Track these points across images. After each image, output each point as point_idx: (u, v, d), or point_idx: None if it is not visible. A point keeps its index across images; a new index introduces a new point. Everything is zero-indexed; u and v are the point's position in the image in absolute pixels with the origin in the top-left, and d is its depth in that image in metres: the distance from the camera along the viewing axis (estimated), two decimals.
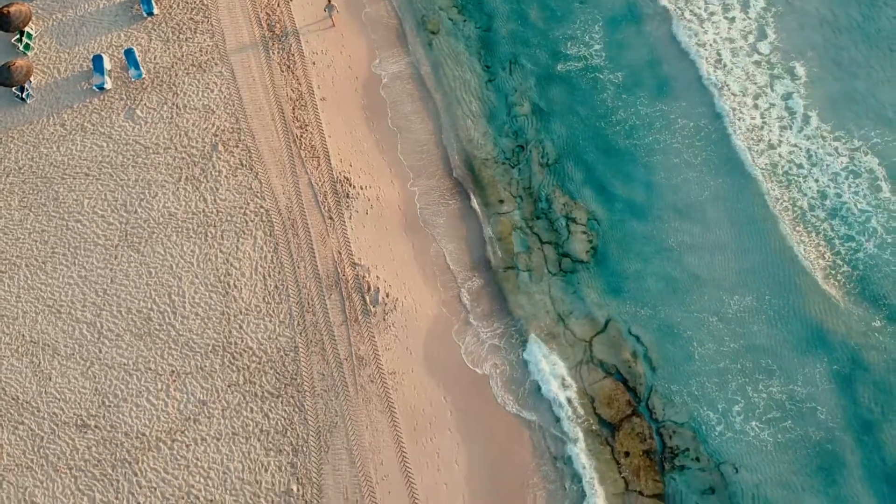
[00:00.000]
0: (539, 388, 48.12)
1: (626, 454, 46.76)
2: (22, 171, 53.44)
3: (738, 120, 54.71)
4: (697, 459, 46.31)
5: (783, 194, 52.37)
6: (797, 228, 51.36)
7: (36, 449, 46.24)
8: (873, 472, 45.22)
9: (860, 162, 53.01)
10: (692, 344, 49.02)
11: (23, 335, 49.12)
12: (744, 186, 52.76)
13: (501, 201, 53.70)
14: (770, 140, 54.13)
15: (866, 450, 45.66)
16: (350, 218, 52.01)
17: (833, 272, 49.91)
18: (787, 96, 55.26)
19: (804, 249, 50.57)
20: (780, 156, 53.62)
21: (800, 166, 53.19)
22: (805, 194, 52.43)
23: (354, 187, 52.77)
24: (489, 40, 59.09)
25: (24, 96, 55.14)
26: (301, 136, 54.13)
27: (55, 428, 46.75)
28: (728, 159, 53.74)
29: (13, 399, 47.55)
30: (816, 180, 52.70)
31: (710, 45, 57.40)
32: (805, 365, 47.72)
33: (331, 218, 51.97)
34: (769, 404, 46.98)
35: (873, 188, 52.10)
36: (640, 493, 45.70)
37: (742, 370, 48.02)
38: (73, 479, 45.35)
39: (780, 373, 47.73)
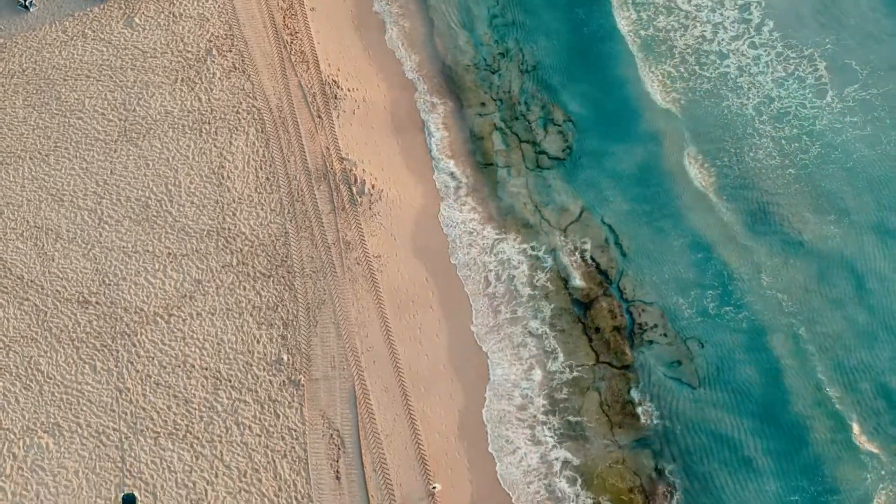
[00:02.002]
0: (513, 274, 51.11)
1: (597, 330, 49.61)
2: (25, 73, 56.12)
3: (687, 32, 57.98)
4: (665, 335, 49.19)
5: (733, 101, 55.34)
6: (747, 132, 54.25)
7: (40, 322, 48.92)
8: (828, 354, 48.15)
9: (806, 69, 56.10)
10: (661, 233, 51.90)
11: (27, 221, 51.82)
12: (692, 91, 56.25)
13: (483, 104, 56.61)
14: (720, 50, 57.33)
15: (822, 336, 48.67)
16: (338, 117, 54.79)
17: (780, 171, 52.84)
18: (744, 7, 58.38)
19: (753, 153, 53.69)
20: (728, 65, 56.74)
21: (749, 73, 56.22)
22: (750, 99, 55.50)
23: (342, 89, 55.57)
24: None
25: (27, 4, 57.81)
26: (291, 43, 56.91)
27: (58, 304, 49.44)
28: (681, 68, 57.25)
29: (18, 278, 50.22)
30: (763, 85, 55.76)
31: None
32: (766, 252, 50.75)
33: (319, 117, 54.74)
34: (736, 290, 49.76)
35: (819, 92, 55.21)
36: (610, 364, 48.56)
37: (713, 258, 50.84)
38: (74, 350, 48.08)
39: (745, 263, 50.58)
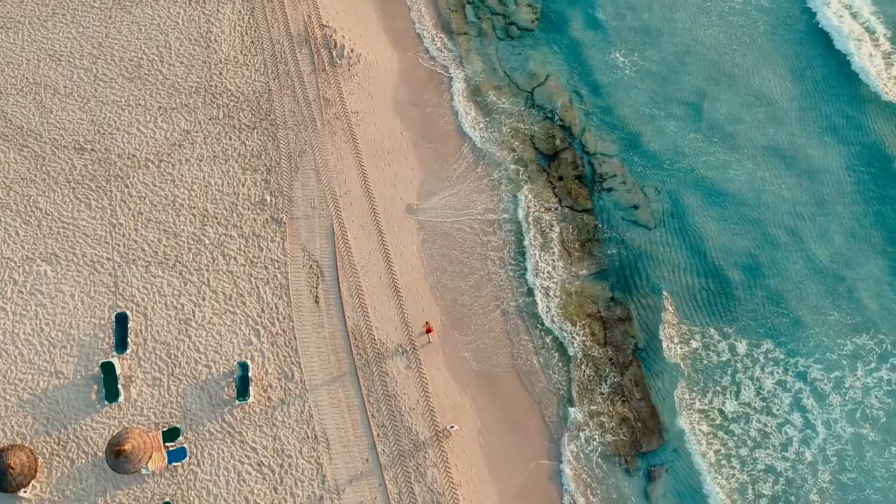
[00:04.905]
0: (481, 127, 54.60)
1: (560, 178, 53.06)
2: None
3: None
4: (624, 183, 52.66)
5: None
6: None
7: (39, 166, 52.23)
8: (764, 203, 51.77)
9: None
10: (622, 94, 55.36)
11: (26, 78, 55.09)
12: None
13: None
14: None
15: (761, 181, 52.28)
16: None
17: (728, 44, 56.53)
18: None
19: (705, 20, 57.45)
20: None
21: None
22: None
23: None
24: None
25: None
26: None
27: (55, 150, 52.75)
28: None
29: (18, 128, 53.52)
30: None
31: None
32: (716, 108, 54.32)
33: None
34: (692, 143, 53.23)
35: None
36: (572, 208, 52.05)
37: (671, 117, 54.26)
38: (71, 190, 51.43)
39: (699, 119, 53.98)
